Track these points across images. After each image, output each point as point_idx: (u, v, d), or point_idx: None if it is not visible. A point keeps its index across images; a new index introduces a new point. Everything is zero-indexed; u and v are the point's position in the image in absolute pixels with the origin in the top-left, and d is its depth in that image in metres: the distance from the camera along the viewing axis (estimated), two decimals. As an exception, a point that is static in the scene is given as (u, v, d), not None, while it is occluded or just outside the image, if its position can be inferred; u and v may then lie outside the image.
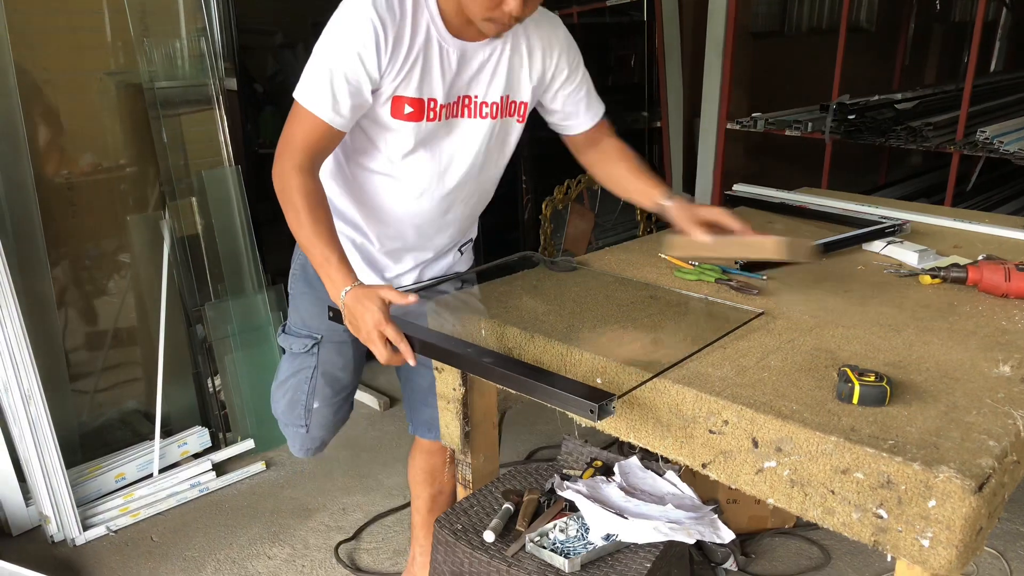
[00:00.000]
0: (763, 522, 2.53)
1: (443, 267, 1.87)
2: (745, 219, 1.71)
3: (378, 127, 1.60)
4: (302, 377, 1.85)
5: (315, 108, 1.50)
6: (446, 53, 1.57)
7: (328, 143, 1.55)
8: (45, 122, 2.84)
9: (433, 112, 1.60)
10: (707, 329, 1.56)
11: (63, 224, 2.90)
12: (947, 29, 6.98)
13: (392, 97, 1.55)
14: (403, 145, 1.62)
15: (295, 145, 1.52)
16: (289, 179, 1.51)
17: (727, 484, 1.28)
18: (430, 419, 1.98)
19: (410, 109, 1.57)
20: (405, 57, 1.52)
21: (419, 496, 2.14)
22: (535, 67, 1.70)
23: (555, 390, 1.29)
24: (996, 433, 1.14)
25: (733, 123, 4.38)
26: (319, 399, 1.87)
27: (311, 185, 1.52)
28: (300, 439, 1.91)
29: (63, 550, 2.59)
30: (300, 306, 1.84)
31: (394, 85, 1.54)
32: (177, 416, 3.07)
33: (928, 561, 1.08)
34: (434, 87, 1.58)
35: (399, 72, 1.52)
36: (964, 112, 3.81)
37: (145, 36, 2.87)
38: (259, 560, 2.53)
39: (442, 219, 1.76)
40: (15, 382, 2.47)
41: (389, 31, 1.48)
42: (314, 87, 1.50)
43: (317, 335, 1.82)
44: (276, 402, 1.92)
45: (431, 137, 1.63)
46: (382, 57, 1.49)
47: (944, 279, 1.73)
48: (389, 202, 1.70)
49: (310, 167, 1.53)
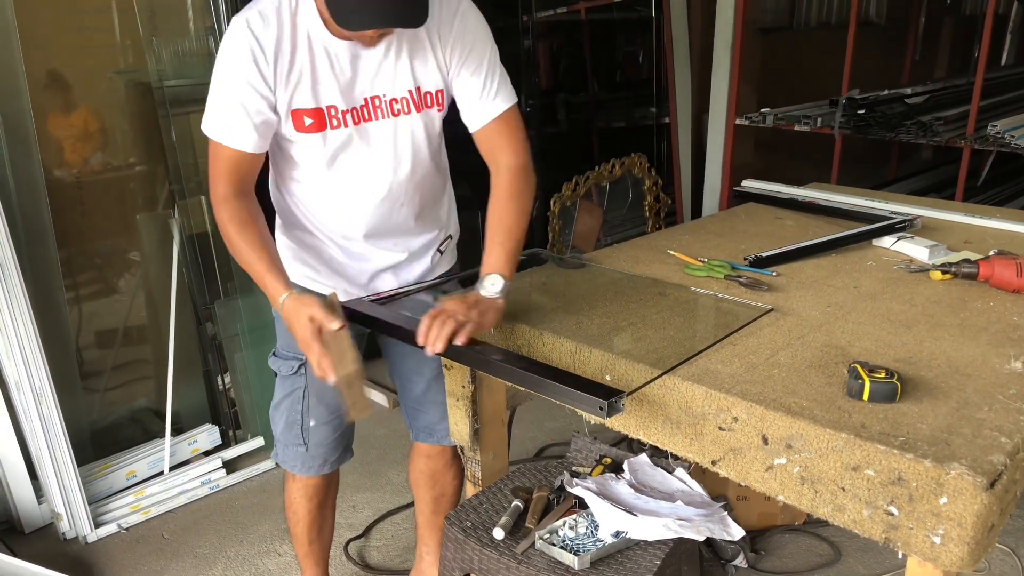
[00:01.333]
0: (773, 519, 2.52)
1: (421, 269, 1.82)
2: (755, 217, 1.69)
3: (289, 143, 1.60)
4: (295, 398, 1.85)
5: (224, 138, 1.53)
6: (335, 58, 1.52)
7: (249, 166, 1.56)
8: (54, 122, 2.85)
9: (336, 119, 1.57)
10: (716, 326, 1.56)
11: (73, 223, 2.91)
12: (957, 23, 6.93)
13: (290, 111, 1.54)
14: (318, 156, 1.60)
15: (216, 178, 1.55)
16: (219, 212, 1.55)
17: (737, 481, 1.28)
18: (429, 424, 1.98)
19: (310, 120, 1.55)
20: (290, 69, 1.50)
21: (422, 499, 2.14)
22: (437, 51, 1.59)
23: (565, 387, 1.29)
24: (1008, 429, 1.13)
25: (742, 119, 4.36)
26: (315, 418, 1.86)
27: (237, 209, 1.54)
28: (300, 457, 1.90)
29: (75, 547, 2.61)
30: (283, 330, 1.81)
31: (287, 98, 1.52)
32: (187, 414, 3.08)
33: (940, 558, 1.08)
34: (330, 94, 1.55)
35: (287, 84, 1.51)
36: (975, 106, 3.78)
37: (154, 35, 2.87)
38: (269, 557, 2.54)
39: (389, 222, 1.72)
40: (27, 380, 2.48)
41: (267, 47, 1.47)
42: (217, 118, 1.53)
43: (302, 356, 1.79)
44: (275, 423, 1.92)
45: (347, 144, 1.60)
46: (266, 74, 1.48)
47: (955, 275, 1.72)
48: (331, 212, 1.69)
49: (236, 193, 1.55)
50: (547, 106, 4.39)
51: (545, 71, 4.54)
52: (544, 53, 4.49)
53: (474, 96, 1.64)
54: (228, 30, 1.50)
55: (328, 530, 2.08)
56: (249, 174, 1.57)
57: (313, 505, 1.98)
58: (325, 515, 2.04)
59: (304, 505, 1.97)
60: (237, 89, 1.49)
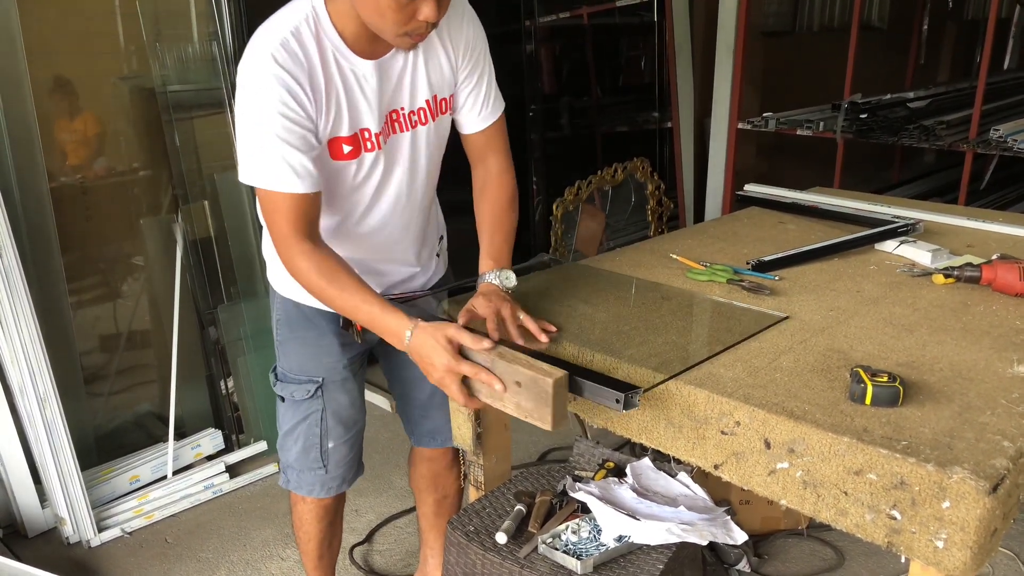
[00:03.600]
0: (776, 523, 2.52)
1: (426, 277, 1.82)
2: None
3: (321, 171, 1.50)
4: (312, 421, 1.79)
5: (283, 186, 1.42)
6: (363, 79, 1.48)
7: (312, 208, 1.46)
8: (58, 127, 2.86)
9: (370, 143, 1.53)
10: (722, 331, 1.56)
11: (77, 228, 2.91)
12: (960, 27, 6.94)
13: (328, 140, 1.48)
14: (347, 181, 1.56)
15: (286, 230, 1.45)
16: (296, 264, 1.46)
17: (740, 485, 1.28)
18: (432, 429, 1.97)
19: (348, 148, 1.51)
20: (327, 98, 1.44)
21: (424, 502, 2.13)
22: (450, 56, 1.59)
23: (583, 381, 1.30)
24: (1011, 434, 1.13)
25: (744, 123, 4.37)
26: (333, 439, 1.82)
27: (317, 258, 1.45)
28: (320, 480, 1.85)
29: (78, 551, 2.61)
30: (290, 352, 1.78)
31: (328, 129, 1.47)
32: (191, 418, 3.09)
33: (942, 562, 1.08)
34: (364, 118, 1.51)
35: (327, 115, 1.45)
36: (977, 110, 3.78)
37: (157, 41, 2.88)
38: (272, 562, 2.54)
39: (405, 235, 1.70)
40: (31, 385, 2.49)
41: (301, 79, 1.39)
42: (268, 166, 1.41)
43: (317, 378, 1.76)
44: (287, 451, 1.85)
45: (375, 164, 1.57)
46: (307, 106, 1.41)
47: (958, 279, 1.72)
48: (349, 231, 1.64)
49: (309, 239, 1.46)
50: (550, 110, 4.39)
51: (548, 75, 4.54)
52: (547, 57, 4.49)
53: (478, 100, 1.66)
54: (251, 66, 1.39)
55: (337, 542, 2.06)
56: (315, 215, 1.48)
57: (325, 524, 1.95)
58: (335, 530, 2.02)
59: (316, 525, 1.94)
60: (279, 124, 1.38)
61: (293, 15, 1.42)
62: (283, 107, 1.38)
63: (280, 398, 1.82)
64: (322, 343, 1.74)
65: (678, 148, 4.72)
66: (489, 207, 1.70)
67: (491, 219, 1.69)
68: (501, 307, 1.50)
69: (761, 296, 1.68)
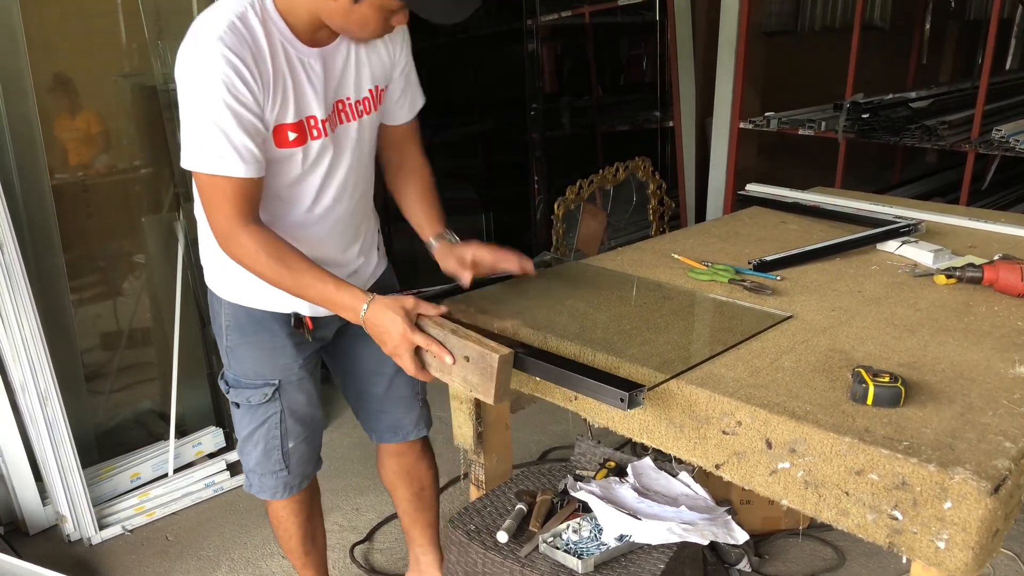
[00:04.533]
0: (777, 523, 2.52)
1: (371, 268, 1.82)
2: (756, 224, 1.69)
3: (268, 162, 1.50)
4: (271, 424, 1.77)
5: (226, 170, 1.40)
6: (309, 66, 1.49)
7: (256, 193, 1.46)
8: (60, 125, 2.86)
9: (316, 130, 1.53)
10: (724, 330, 1.56)
11: (78, 226, 2.92)
12: (962, 27, 6.93)
13: (273, 128, 1.47)
14: (293, 170, 1.54)
15: (228, 214, 1.44)
16: (239, 245, 1.45)
17: (741, 485, 1.28)
18: (393, 423, 1.96)
19: (294, 135, 1.49)
20: (274, 84, 1.43)
21: (402, 498, 2.11)
22: (389, 49, 1.63)
23: (586, 379, 1.30)
24: (1012, 434, 1.13)
25: (746, 122, 4.36)
26: (293, 439, 1.81)
27: (265, 239, 1.45)
28: (283, 482, 1.84)
29: (79, 549, 2.61)
30: (243, 357, 1.74)
31: (273, 115, 1.45)
32: (191, 416, 3.09)
33: (944, 563, 1.08)
34: (311, 104, 1.50)
35: (274, 101, 1.44)
36: (979, 110, 3.78)
37: (159, 38, 2.88)
38: (273, 560, 2.54)
39: (350, 226, 1.70)
40: (32, 383, 2.49)
41: (249, 62, 1.38)
42: (211, 149, 1.39)
43: (274, 381, 1.74)
44: (247, 456, 1.83)
45: (322, 152, 1.56)
46: (255, 90, 1.39)
47: (959, 279, 1.71)
48: (298, 223, 1.61)
49: (253, 225, 1.45)
50: (551, 110, 4.39)
51: (549, 75, 4.54)
52: (548, 57, 4.50)
53: (406, 93, 1.73)
54: (196, 50, 1.37)
55: (321, 536, 2.05)
56: (257, 200, 1.48)
57: (302, 519, 1.94)
58: (315, 524, 2.00)
59: (294, 522, 1.93)
60: (228, 111, 1.37)
61: (237, 2, 1.41)
62: (231, 90, 1.37)
63: (235, 404, 1.78)
64: (276, 345, 1.72)
65: (680, 147, 4.72)
66: (421, 184, 1.80)
67: (425, 194, 1.80)
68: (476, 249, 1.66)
69: (763, 296, 1.68)
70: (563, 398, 1.48)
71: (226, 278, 1.68)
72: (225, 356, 1.78)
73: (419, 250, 1.77)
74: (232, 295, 1.70)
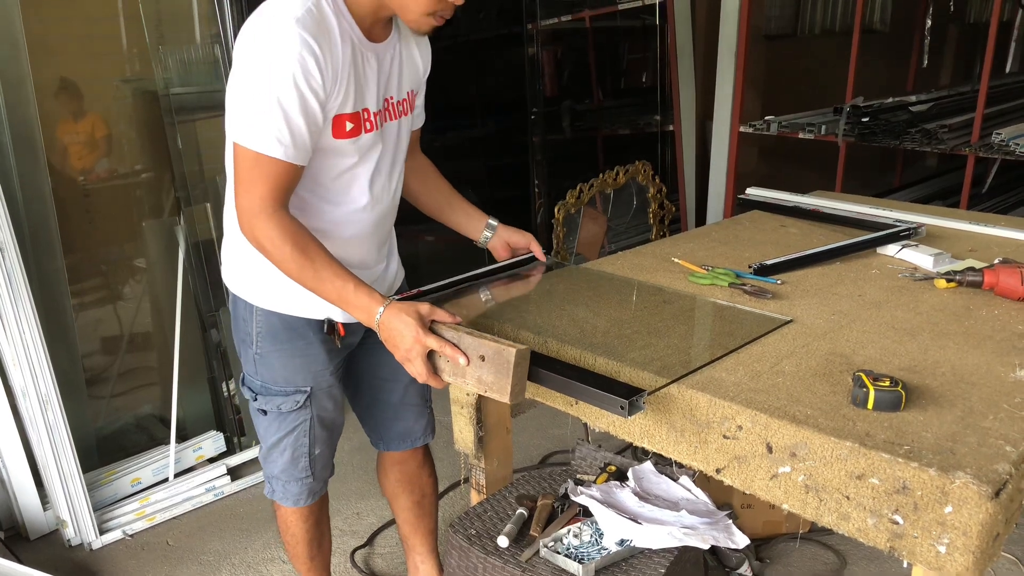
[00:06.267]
0: (778, 527, 2.52)
1: (392, 275, 1.82)
2: (758, 224, 1.70)
3: (317, 152, 1.49)
4: (300, 431, 1.76)
5: (274, 151, 1.39)
6: (367, 59, 1.50)
7: (294, 181, 1.46)
8: (61, 129, 2.87)
9: (369, 123, 1.54)
10: (724, 334, 1.56)
11: (79, 230, 2.92)
12: (962, 30, 6.94)
13: (333, 117, 1.47)
14: (343, 162, 1.54)
15: (261, 196, 1.42)
16: (264, 229, 1.43)
17: (741, 489, 1.28)
18: (404, 431, 1.96)
19: (351, 125, 1.49)
20: (340, 72, 1.43)
21: (403, 507, 2.10)
22: (423, 57, 1.68)
23: (586, 387, 1.30)
24: (1013, 438, 1.13)
25: (746, 126, 4.36)
26: (320, 445, 1.81)
27: (292, 228, 1.44)
28: (308, 488, 1.84)
29: (80, 554, 2.61)
30: (274, 364, 1.71)
31: (336, 104, 1.45)
32: (192, 421, 3.09)
33: (945, 567, 1.08)
34: (367, 97, 1.52)
35: (338, 90, 1.44)
36: (979, 114, 3.78)
37: (160, 43, 2.89)
38: (273, 564, 2.54)
39: (379, 228, 1.70)
40: (33, 387, 2.49)
41: (324, 47, 1.38)
42: (265, 128, 1.38)
43: (305, 388, 1.72)
44: (271, 463, 1.82)
45: (371, 147, 1.57)
46: (326, 76, 1.40)
47: (960, 283, 1.72)
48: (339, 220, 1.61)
49: (282, 211, 1.44)
50: (551, 114, 4.39)
51: (550, 79, 4.55)
52: (549, 61, 4.50)
53: (421, 103, 1.77)
54: (271, 29, 1.36)
55: (327, 541, 2.05)
56: (291, 190, 1.47)
57: (311, 524, 1.94)
58: (323, 530, 2.00)
59: (302, 527, 1.93)
60: (292, 90, 1.37)
61: None
62: (304, 72, 1.37)
63: (261, 411, 1.76)
64: (310, 352, 1.70)
65: (680, 151, 4.72)
66: (442, 184, 1.90)
67: (451, 191, 1.89)
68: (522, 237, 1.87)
69: (763, 300, 1.68)
70: (564, 403, 1.48)
71: (259, 284, 1.65)
72: (252, 364, 1.73)
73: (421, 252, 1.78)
74: (266, 301, 1.66)
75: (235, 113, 1.43)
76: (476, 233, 1.87)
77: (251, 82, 1.39)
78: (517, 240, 1.88)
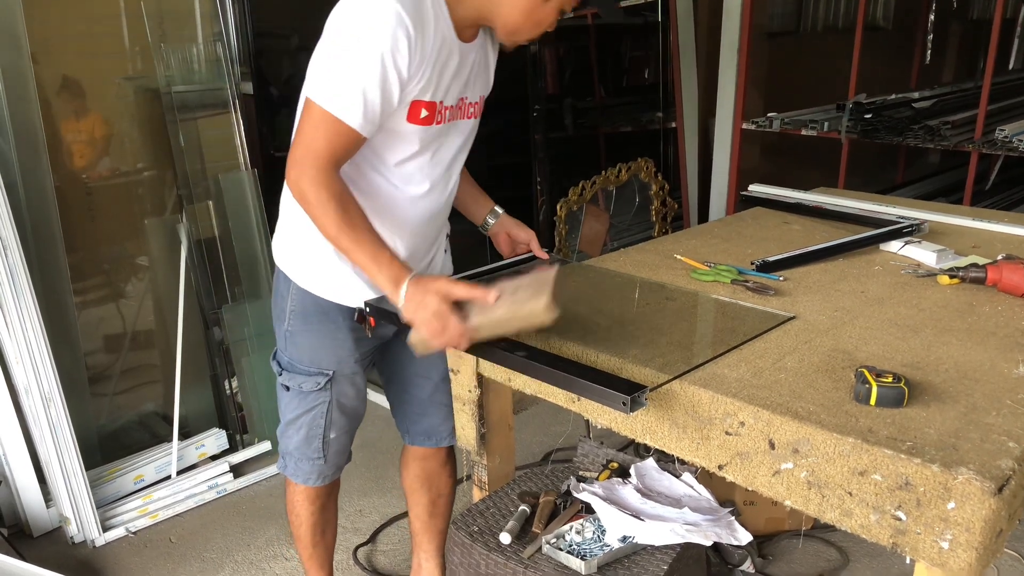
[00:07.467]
0: (780, 524, 2.51)
1: (438, 269, 1.85)
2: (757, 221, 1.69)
3: (385, 132, 1.53)
4: (317, 412, 1.81)
5: (344, 115, 1.43)
6: (453, 55, 1.53)
7: (353, 149, 1.49)
8: (63, 127, 2.87)
9: (441, 115, 1.57)
10: (727, 331, 1.56)
11: (82, 228, 2.92)
12: (965, 27, 6.92)
13: (412, 101, 1.50)
14: (405, 150, 1.58)
15: (318, 151, 1.44)
16: (317, 186, 1.44)
17: (744, 486, 1.28)
18: (429, 428, 1.99)
19: (425, 113, 1.53)
20: (427, 59, 1.46)
21: (417, 503, 2.13)
22: (491, 64, 1.72)
23: (588, 383, 1.30)
24: (1016, 434, 1.13)
25: (749, 123, 4.36)
26: (336, 429, 1.84)
27: (339, 188, 1.46)
28: (318, 469, 1.88)
29: (83, 551, 2.62)
30: (301, 343, 1.76)
31: (417, 88, 1.49)
32: (195, 418, 3.09)
33: (947, 563, 1.07)
34: (446, 90, 1.55)
35: (422, 75, 1.47)
36: (982, 110, 3.77)
37: (162, 41, 2.89)
38: (276, 561, 2.54)
39: (441, 219, 1.75)
40: (35, 385, 2.49)
41: (419, 31, 1.41)
42: (342, 91, 1.42)
43: (328, 371, 1.77)
44: (288, 439, 1.86)
45: (437, 139, 1.61)
46: (413, 59, 1.43)
47: (963, 279, 1.71)
48: (397, 208, 1.64)
49: (335, 172, 1.47)
50: (554, 111, 4.39)
51: (552, 76, 4.54)
52: (551, 58, 4.49)
53: None
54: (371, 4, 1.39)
55: (331, 533, 2.07)
56: (348, 158, 1.50)
57: (316, 508, 1.97)
58: (328, 517, 2.03)
59: (307, 508, 1.96)
60: (378, 64, 1.39)
61: None
62: (393, 50, 1.39)
63: (284, 387, 1.81)
64: (337, 337, 1.75)
65: (682, 148, 4.71)
66: None
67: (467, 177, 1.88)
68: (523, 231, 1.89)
69: (765, 296, 1.68)
70: (566, 399, 1.48)
71: (302, 263, 1.70)
72: (283, 339, 1.79)
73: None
74: (303, 280, 1.71)
75: (316, 71, 1.47)
76: (479, 218, 1.91)
77: (340, 46, 1.43)
78: (518, 233, 1.89)
